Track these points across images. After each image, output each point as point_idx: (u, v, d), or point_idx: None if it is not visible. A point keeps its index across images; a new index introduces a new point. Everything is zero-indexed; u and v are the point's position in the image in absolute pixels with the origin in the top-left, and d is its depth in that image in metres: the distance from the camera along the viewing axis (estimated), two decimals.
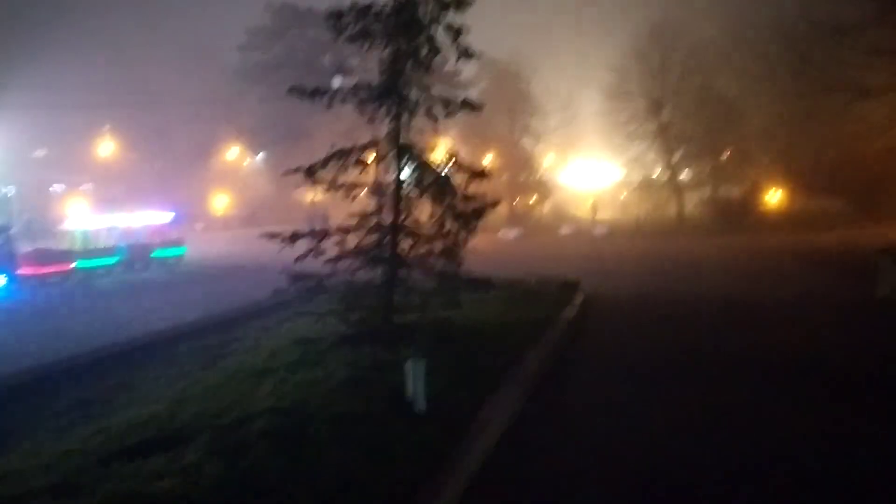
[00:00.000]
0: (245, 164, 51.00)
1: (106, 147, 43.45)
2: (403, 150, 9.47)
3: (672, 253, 30.36)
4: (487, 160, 49.92)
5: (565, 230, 45.42)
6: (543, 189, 52.31)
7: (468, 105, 9.59)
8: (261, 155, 54.17)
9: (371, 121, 9.41)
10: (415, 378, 6.60)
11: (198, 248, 31.29)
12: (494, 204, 9.87)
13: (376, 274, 9.42)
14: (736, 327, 12.27)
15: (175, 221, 29.56)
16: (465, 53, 9.69)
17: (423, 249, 9.52)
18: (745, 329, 12.01)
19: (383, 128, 9.72)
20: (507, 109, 50.62)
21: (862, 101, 38.73)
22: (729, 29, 49.20)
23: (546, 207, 53.47)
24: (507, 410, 7.16)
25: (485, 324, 10.44)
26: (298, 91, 9.45)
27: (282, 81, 22.90)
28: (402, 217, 9.49)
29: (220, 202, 49.06)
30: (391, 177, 9.57)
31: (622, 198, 59.78)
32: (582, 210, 56.90)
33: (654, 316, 13.80)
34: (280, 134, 44.89)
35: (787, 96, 45.89)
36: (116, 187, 39.42)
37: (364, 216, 9.40)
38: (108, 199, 35.80)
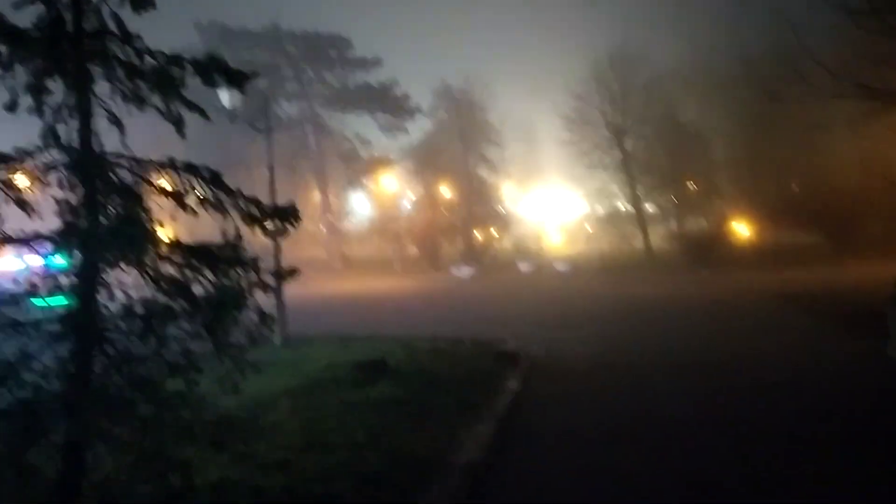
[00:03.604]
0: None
1: None
2: (93, 167, 4.35)
3: (641, 295, 25.46)
4: (445, 192, 45.38)
5: (524, 267, 40.55)
6: (502, 222, 47.45)
7: (216, 71, 4.45)
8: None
9: (10, 108, 4.23)
10: None
11: None
12: (287, 274, 4.75)
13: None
14: (741, 447, 7.19)
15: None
16: None
17: (139, 369, 4.34)
18: (755, 453, 6.93)
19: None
20: (463, 138, 46.01)
21: (829, 134, 35.41)
22: (691, 56, 45.92)
23: (505, 241, 48.59)
24: None
25: (289, 494, 5.18)
26: None
27: (212, 106, 17.58)
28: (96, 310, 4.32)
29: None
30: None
31: (587, 231, 55.56)
32: (544, 244, 52.45)
33: (617, 420, 8.70)
34: (213, 163, 39.46)
35: (751, 126, 42.45)
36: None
37: None
38: None
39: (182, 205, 4.82)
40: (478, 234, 45.69)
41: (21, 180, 4.25)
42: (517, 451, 7.51)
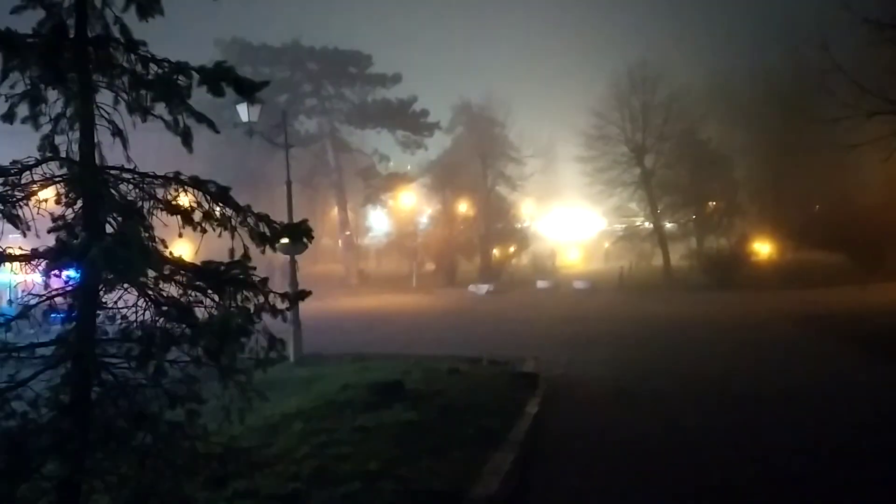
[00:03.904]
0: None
1: None
2: (93, 180, 4.07)
3: (660, 314, 24.92)
4: (463, 209, 45.12)
5: (542, 284, 40.07)
6: (521, 239, 47.01)
7: (225, 80, 4.16)
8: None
9: (7, 118, 3.95)
10: None
11: None
12: (298, 297, 4.45)
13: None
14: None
15: None
16: None
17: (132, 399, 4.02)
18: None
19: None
20: (482, 154, 45.74)
21: (854, 154, 34.80)
22: (712, 74, 45.52)
23: (523, 259, 48.15)
24: None
25: None
26: None
27: (232, 123, 17.68)
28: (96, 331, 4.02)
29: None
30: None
31: (605, 248, 55.05)
32: (562, 262, 51.97)
33: (637, 449, 8.32)
34: (232, 180, 39.44)
35: (773, 145, 41.84)
36: None
37: None
38: None
39: (188, 222, 4.51)
40: (495, 252, 45.26)
41: (17, 194, 3.98)
42: (537, 482, 7.14)
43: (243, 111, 16.93)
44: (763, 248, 42.81)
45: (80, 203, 4.00)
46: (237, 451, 4.49)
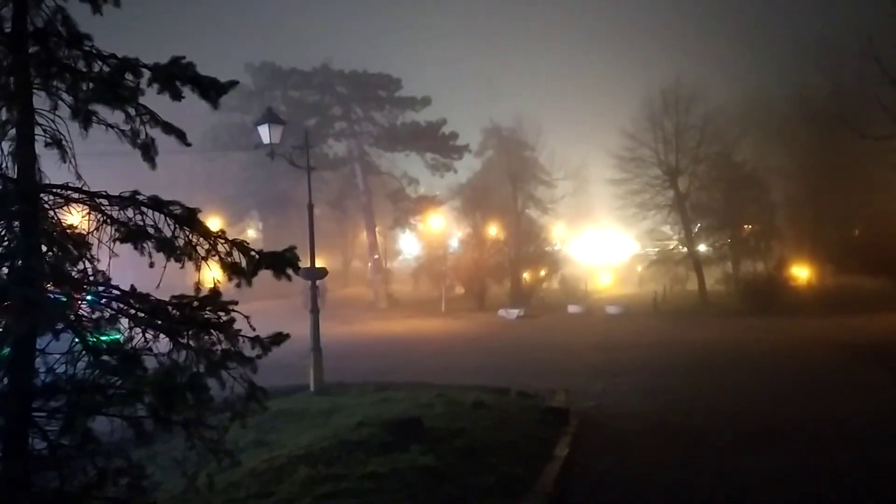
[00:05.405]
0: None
1: None
2: (29, 198, 3.37)
3: (699, 343, 23.66)
4: (493, 232, 44.31)
5: (573, 309, 38.93)
6: (551, 262, 45.94)
7: (181, 78, 3.43)
8: (259, 225, 49.01)
9: None
10: None
11: None
12: (276, 341, 3.67)
13: None
14: None
15: None
16: None
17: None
18: None
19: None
20: (512, 177, 44.96)
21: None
22: (746, 94, 44.39)
23: (554, 283, 47.04)
24: None
25: None
26: None
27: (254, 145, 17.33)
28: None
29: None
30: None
31: (638, 272, 53.78)
32: (594, 285, 50.80)
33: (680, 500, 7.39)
34: (263, 202, 39.42)
35: (811, 166, 40.45)
36: None
37: None
38: None
39: (163, 249, 3.78)
40: (526, 275, 44.25)
41: None
42: None
43: (264, 133, 16.49)
44: (802, 273, 41.19)
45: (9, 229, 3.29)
46: None
